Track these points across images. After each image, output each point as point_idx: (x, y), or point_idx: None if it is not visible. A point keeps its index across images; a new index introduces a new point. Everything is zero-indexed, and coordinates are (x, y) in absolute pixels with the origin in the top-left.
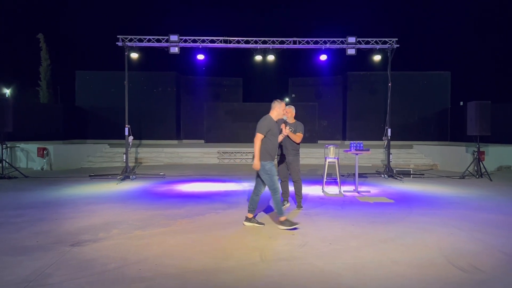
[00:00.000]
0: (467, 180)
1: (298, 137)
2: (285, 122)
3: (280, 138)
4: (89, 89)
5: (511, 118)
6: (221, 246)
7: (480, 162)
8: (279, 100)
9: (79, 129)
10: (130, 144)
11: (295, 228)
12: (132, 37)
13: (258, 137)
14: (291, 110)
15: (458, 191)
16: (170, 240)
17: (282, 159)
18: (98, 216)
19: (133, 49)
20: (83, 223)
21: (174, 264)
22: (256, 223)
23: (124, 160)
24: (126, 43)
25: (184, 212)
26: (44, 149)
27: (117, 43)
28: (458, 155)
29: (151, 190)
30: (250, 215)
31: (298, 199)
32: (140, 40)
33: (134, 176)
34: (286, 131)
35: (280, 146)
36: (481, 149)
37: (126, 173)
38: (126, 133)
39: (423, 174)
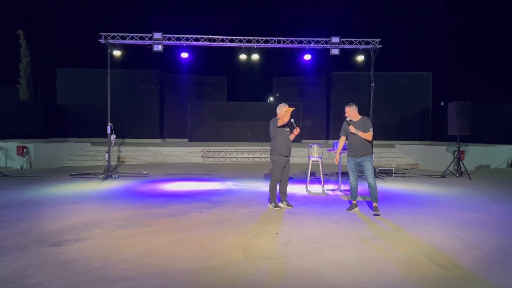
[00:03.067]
0: (448, 179)
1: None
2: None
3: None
4: (70, 87)
5: (490, 118)
6: (205, 246)
7: (460, 162)
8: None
9: (60, 127)
10: (113, 142)
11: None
12: (115, 34)
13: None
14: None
15: (438, 190)
16: (153, 240)
17: (284, 159)
18: (80, 216)
19: (116, 46)
20: (64, 222)
21: (157, 263)
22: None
23: (106, 159)
24: (109, 40)
25: (167, 211)
26: (24, 147)
27: (99, 40)
28: (439, 154)
29: (134, 189)
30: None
31: (285, 196)
32: (123, 38)
33: (116, 175)
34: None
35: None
36: (461, 149)
37: (108, 172)
38: (109, 132)
39: (404, 173)
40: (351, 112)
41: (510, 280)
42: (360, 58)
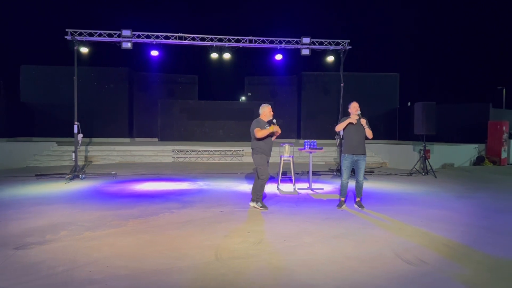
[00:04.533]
0: (414, 177)
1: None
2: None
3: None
4: (35, 85)
5: (455, 118)
6: (175, 246)
7: (426, 160)
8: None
9: (25, 126)
10: (80, 142)
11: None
12: (82, 31)
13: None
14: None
15: (405, 187)
16: (122, 241)
17: (265, 159)
18: (45, 217)
19: (83, 43)
20: (28, 224)
21: (125, 265)
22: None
23: (73, 159)
24: (76, 37)
25: (136, 212)
26: None
27: (65, 37)
28: (405, 153)
29: (102, 189)
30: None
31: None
32: (91, 35)
33: (83, 176)
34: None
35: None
36: (427, 148)
37: (75, 172)
38: (75, 131)
39: (373, 172)
40: (359, 109)
41: (475, 274)
42: (330, 58)
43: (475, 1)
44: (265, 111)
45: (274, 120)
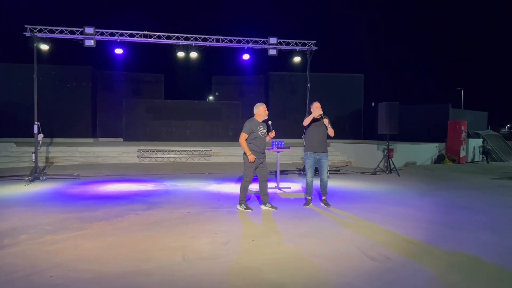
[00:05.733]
0: (378, 175)
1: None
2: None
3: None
4: None
5: (417, 118)
6: (141, 248)
7: (390, 159)
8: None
9: None
10: (40, 142)
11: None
12: (42, 27)
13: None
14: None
15: (370, 186)
16: (85, 244)
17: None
18: (3, 221)
19: (43, 40)
20: None
21: (89, 269)
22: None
23: (33, 160)
24: (35, 33)
25: (100, 214)
26: None
27: (24, 33)
28: (370, 152)
29: (64, 191)
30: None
31: (267, 198)
32: (51, 31)
33: (44, 177)
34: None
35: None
36: (390, 147)
37: (35, 174)
38: (35, 131)
39: (339, 171)
40: (321, 108)
41: (437, 270)
42: (297, 59)
43: (435, 7)
44: (260, 111)
45: (270, 122)
